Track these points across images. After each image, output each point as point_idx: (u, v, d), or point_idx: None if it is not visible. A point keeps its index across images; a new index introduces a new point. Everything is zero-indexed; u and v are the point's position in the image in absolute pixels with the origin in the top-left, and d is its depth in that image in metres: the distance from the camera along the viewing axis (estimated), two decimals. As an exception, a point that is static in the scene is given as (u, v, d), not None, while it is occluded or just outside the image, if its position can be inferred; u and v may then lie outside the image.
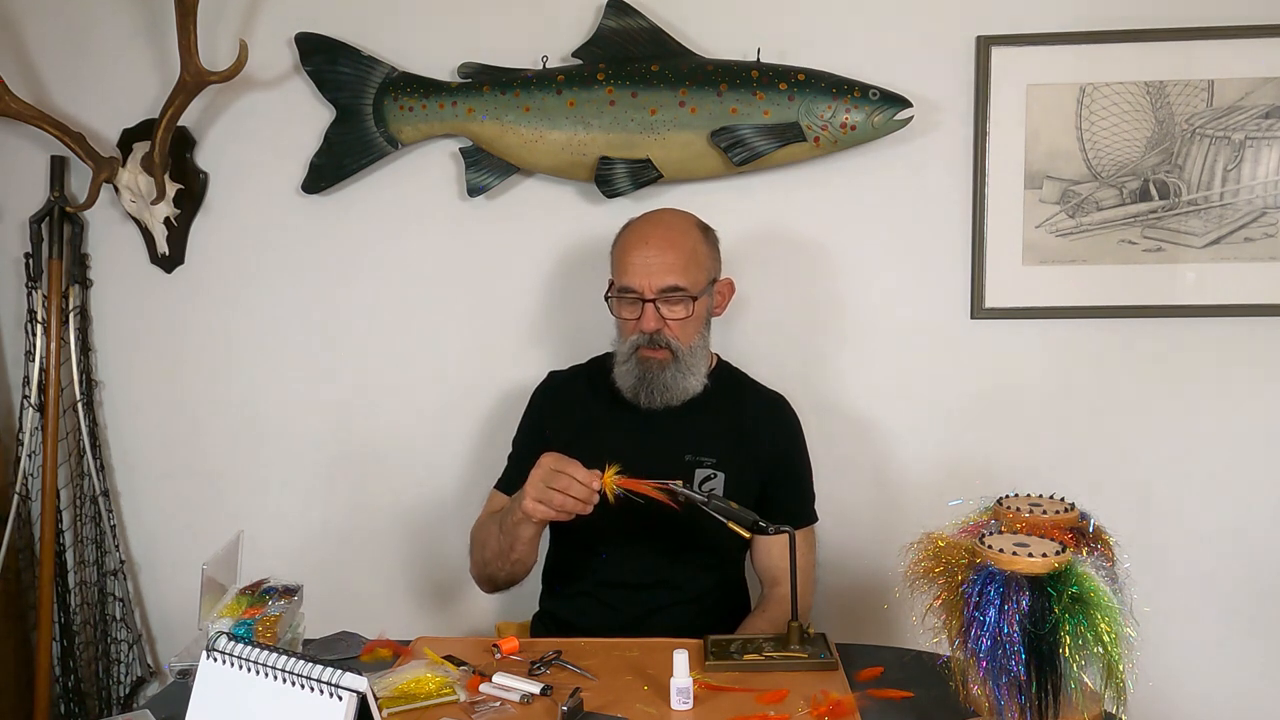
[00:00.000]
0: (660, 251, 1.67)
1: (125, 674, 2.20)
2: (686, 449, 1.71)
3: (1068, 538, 1.15)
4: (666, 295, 1.66)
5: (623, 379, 1.71)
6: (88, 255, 2.19)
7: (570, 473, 1.48)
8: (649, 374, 1.68)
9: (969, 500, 1.27)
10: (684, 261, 1.68)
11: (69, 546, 2.21)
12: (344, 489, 2.19)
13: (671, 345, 1.67)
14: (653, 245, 1.68)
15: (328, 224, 2.13)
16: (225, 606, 1.40)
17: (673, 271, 1.66)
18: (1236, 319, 1.99)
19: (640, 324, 1.67)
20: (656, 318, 1.67)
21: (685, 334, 1.69)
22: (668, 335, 1.67)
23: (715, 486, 1.69)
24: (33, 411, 2.15)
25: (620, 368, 1.71)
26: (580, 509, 1.49)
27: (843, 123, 1.91)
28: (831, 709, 1.25)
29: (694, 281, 1.68)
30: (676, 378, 1.68)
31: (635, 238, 1.71)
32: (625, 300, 1.70)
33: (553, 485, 1.48)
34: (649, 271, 1.66)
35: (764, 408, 1.81)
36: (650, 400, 1.69)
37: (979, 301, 2.02)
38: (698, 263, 1.70)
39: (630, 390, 1.70)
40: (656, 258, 1.67)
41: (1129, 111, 1.96)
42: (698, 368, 1.71)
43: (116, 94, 2.13)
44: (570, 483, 1.47)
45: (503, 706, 1.30)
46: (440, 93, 2.02)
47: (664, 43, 1.98)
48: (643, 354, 1.68)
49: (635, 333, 1.68)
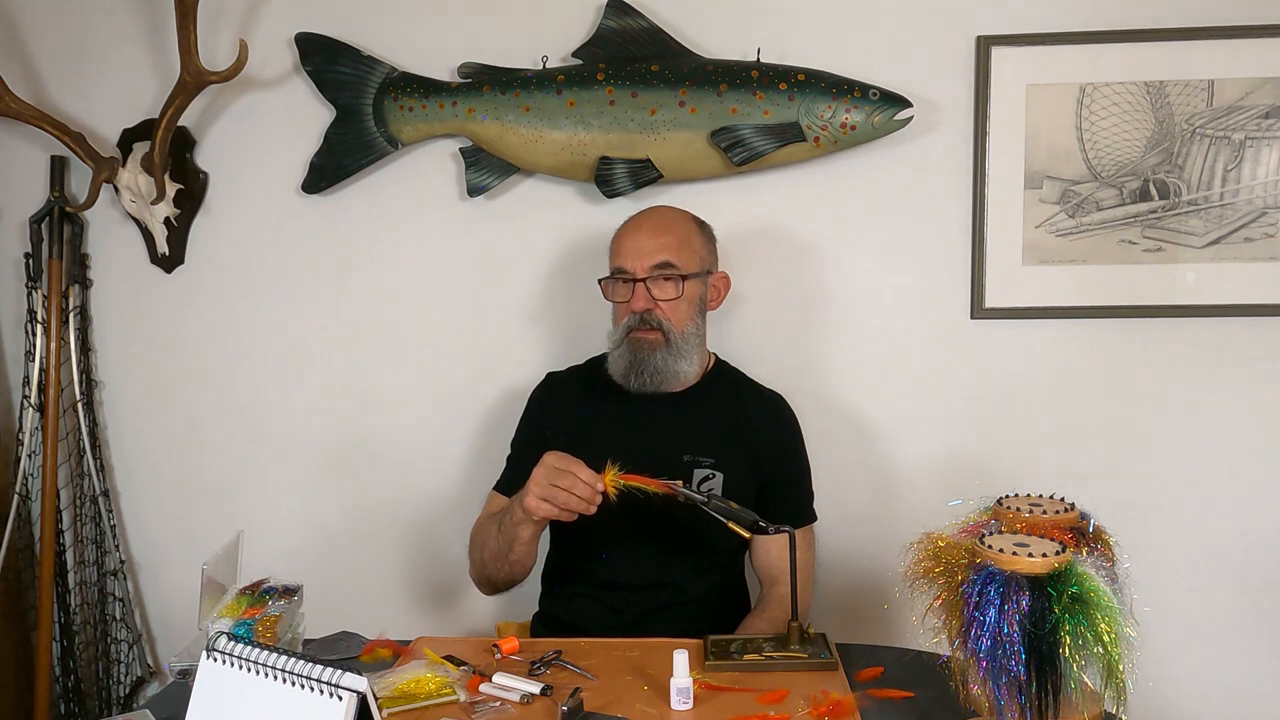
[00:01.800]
0: (653, 234, 1.72)
1: (125, 674, 2.20)
2: (685, 449, 1.71)
3: (1068, 538, 1.15)
4: (656, 275, 1.69)
5: (615, 364, 1.73)
6: (88, 255, 2.19)
7: (575, 471, 1.48)
8: (640, 355, 1.69)
9: (969, 500, 1.27)
10: (676, 242, 1.72)
11: (69, 546, 2.21)
12: (344, 489, 2.19)
13: (663, 326, 1.69)
14: (645, 229, 1.74)
15: (328, 224, 2.13)
16: (225, 606, 1.40)
17: (663, 250, 1.70)
18: (1236, 319, 1.99)
19: (631, 304, 1.70)
20: (647, 297, 1.69)
21: (677, 316, 1.70)
22: (659, 315, 1.69)
23: (714, 487, 1.69)
24: (33, 411, 2.15)
25: (613, 354, 1.73)
26: (584, 509, 1.49)
27: (843, 123, 1.91)
28: (831, 709, 1.25)
29: (685, 261, 1.71)
30: (668, 360, 1.70)
31: (630, 225, 1.77)
32: (618, 283, 1.73)
33: (557, 483, 1.48)
34: (640, 252, 1.71)
35: (762, 406, 1.81)
36: (641, 384, 1.70)
37: (979, 301, 2.02)
38: (690, 247, 1.74)
39: (622, 374, 1.71)
40: (649, 239, 1.72)
41: (1129, 111, 1.96)
42: (690, 353, 1.72)
43: (116, 94, 2.13)
44: (575, 481, 1.47)
45: (503, 706, 1.30)
46: (440, 93, 2.02)
47: (664, 43, 1.98)
48: (634, 336, 1.70)
49: (627, 315, 1.71)
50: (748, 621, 1.69)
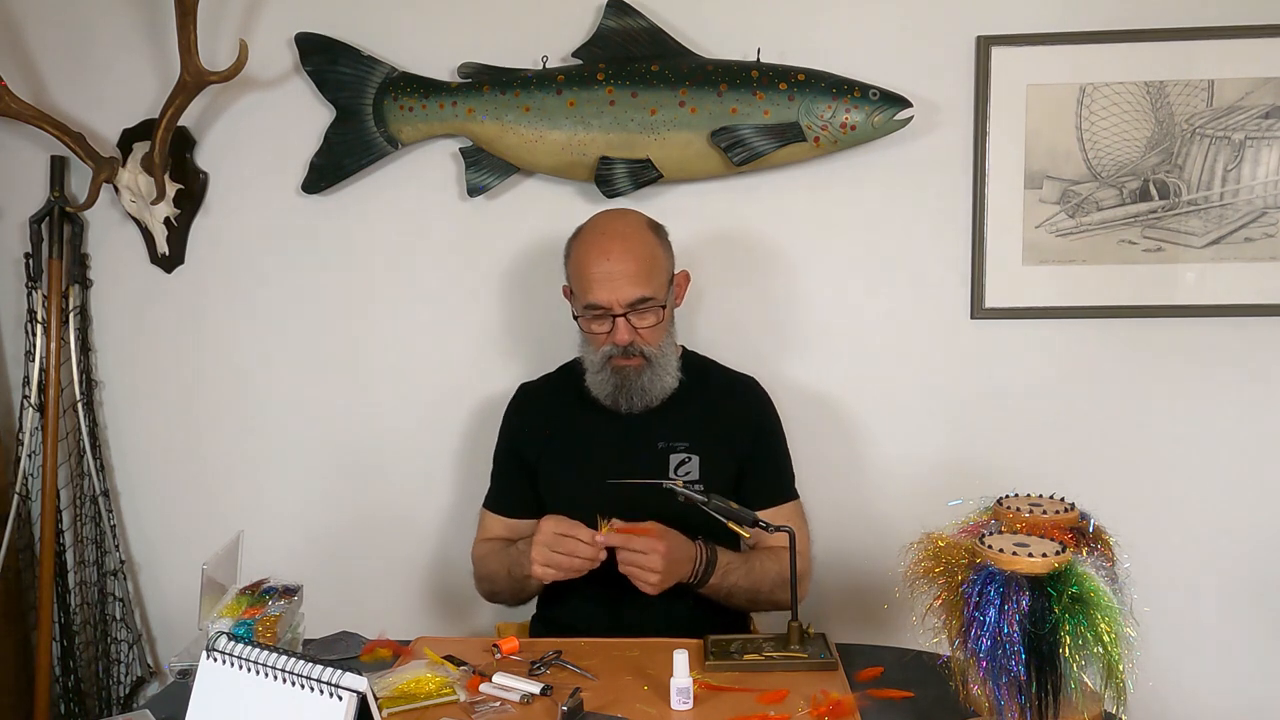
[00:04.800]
0: (622, 263, 1.64)
1: (125, 674, 2.20)
2: (659, 437, 1.72)
3: (1068, 538, 1.15)
4: (635, 307, 1.65)
5: (599, 388, 1.71)
6: (88, 255, 2.19)
7: (575, 535, 1.51)
8: (626, 381, 1.69)
9: (969, 500, 1.27)
10: (647, 270, 1.66)
11: (69, 546, 2.21)
12: (344, 488, 2.19)
13: (645, 352, 1.68)
14: (614, 258, 1.65)
15: (328, 224, 2.13)
16: (225, 606, 1.40)
17: (638, 283, 1.64)
18: (1236, 319, 1.99)
19: (613, 337, 1.66)
20: (629, 329, 1.66)
21: (655, 338, 1.69)
22: (640, 344, 1.67)
23: (691, 470, 1.70)
24: (33, 411, 2.15)
25: (594, 377, 1.71)
26: (587, 568, 1.52)
27: (843, 123, 1.91)
28: (831, 709, 1.25)
29: (658, 288, 1.68)
30: (654, 380, 1.70)
31: (594, 251, 1.67)
32: (592, 316, 1.68)
33: (558, 550, 1.51)
34: (614, 287, 1.64)
35: (734, 390, 1.82)
36: (631, 405, 1.70)
37: (979, 301, 2.02)
38: (659, 267, 1.69)
39: (609, 398, 1.70)
40: (620, 270, 1.64)
41: (1129, 111, 1.96)
42: (671, 366, 1.73)
43: (116, 94, 2.13)
44: (575, 545, 1.50)
45: (503, 706, 1.30)
46: (440, 93, 2.02)
47: (664, 43, 1.98)
48: (616, 364, 1.68)
49: (608, 344, 1.67)
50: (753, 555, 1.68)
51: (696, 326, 2.06)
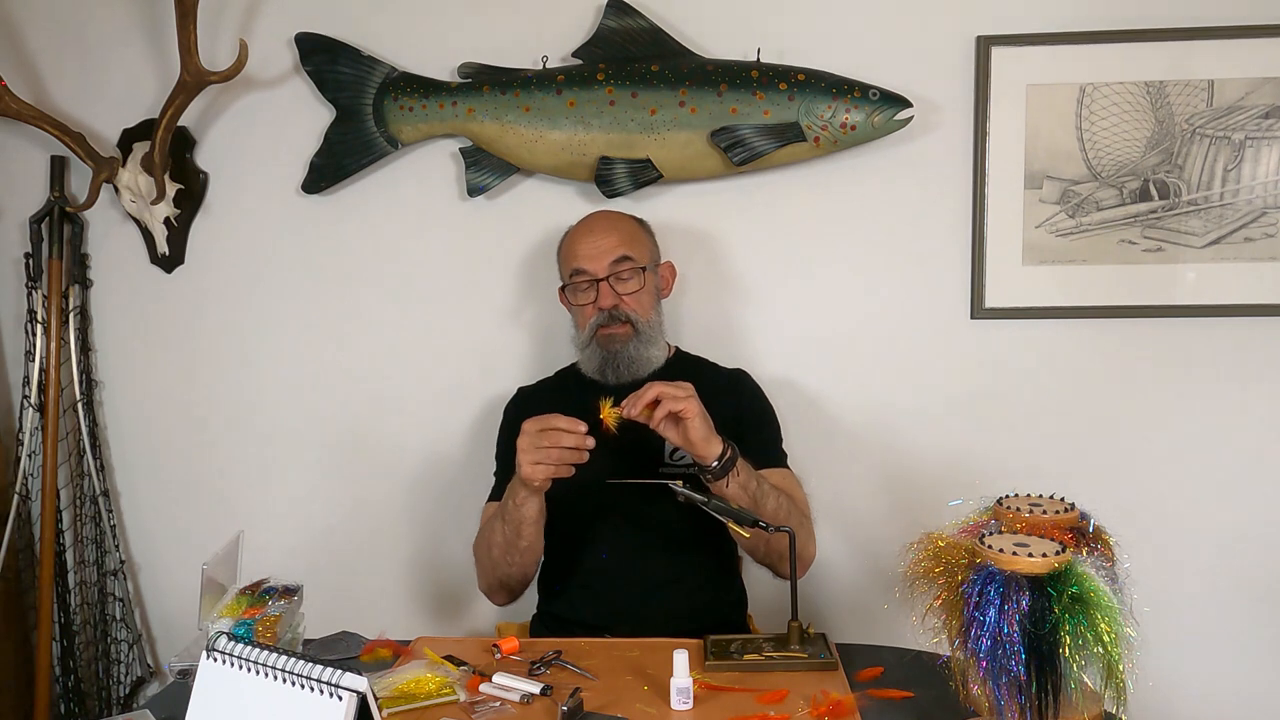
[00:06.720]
0: (604, 234, 1.77)
1: (125, 674, 2.20)
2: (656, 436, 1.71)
3: (1068, 538, 1.15)
4: (618, 270, 1.73)
5: (588, 363, 1.77)
6: (88, 255, 2.19)
7: (554, 424, 1.49)
8: (612, 349, 1.73)
9: (969, 500, 1.27)
10: (628, 238, 1.78)
11: (69, 546, 2.21)
12: (344, 488, 2.19)
13: (631, 318, 1.74)
14: (596, 231, 1.78)
15: (328, 224, 2.13)
16: (225, 606, 1.40)
17: (619, 246, 1.75)
18: (1236, 319, 1.99)
19: (598, 302, 1.73)
20: (612, 294, 1.73)
21: (642, 306, 1.75)
22: (626, 309, 1.73)
23: (684, 455, 1.67)
24: (33, 411, 2.15)
25: (584, 352, 1.77)
26: (577, 457, 1.50)
27: (843, 123, 1.91)
28: (831, 709, 1.25)
29: (639, 254, 1.78)
30: (640, 349, 1.74)
31: (579, 230, 1.82)
32: (579, 287, 1.76)
33: (541, 444, 1.49)
34: (597, 253, 1.75)
35: (723, 382, 1.84)
36: (618, 375, 1.73)
37: (979, 301, 2.02)
38: (640, 240, 1.81)
39: (597, 370, 1.75)
40: (602, 239, 1.76)
41: (1129, 111, 1.96)
42: (657, 339, 1.78)
43: (116, 94, 2.13)
44: (558, 435, 1.49)
45: (503, 706, 1.30)
46: (440, 93, 2.02)
47: (664, 43, 1.98)
48: (603, 333, 1.74)
49: (594, 314, 1.74)
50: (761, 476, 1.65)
51: (696, 326, 2.06)
